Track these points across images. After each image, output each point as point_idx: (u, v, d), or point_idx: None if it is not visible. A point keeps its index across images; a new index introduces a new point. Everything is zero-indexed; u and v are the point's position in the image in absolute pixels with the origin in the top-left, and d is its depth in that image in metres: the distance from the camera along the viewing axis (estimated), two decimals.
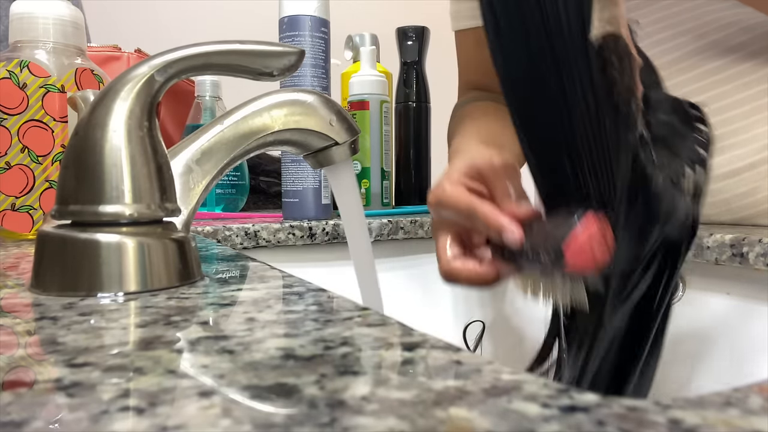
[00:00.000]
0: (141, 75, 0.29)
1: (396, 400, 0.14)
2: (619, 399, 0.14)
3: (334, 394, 0.15)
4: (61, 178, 0.29)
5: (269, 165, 0.99)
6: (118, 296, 0.27)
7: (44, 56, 0.52)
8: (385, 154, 0.83)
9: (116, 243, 0.28)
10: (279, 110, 0.35)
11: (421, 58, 0.95)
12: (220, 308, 0.25)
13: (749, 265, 0.49)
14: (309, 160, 0.39)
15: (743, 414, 0.14)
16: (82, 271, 0.27)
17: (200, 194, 0.34)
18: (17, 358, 0.19)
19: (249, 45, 0.31)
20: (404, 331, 0.21)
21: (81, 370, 0.17)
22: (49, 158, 0.51)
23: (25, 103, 0.51)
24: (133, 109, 0.29)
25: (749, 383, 0.16)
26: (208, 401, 0.15)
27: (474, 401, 0.15)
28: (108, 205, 0.28)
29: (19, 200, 0.51)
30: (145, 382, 0.16)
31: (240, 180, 0.83)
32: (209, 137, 0.35)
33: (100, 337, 0.20)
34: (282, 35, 0.69)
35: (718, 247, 0.51)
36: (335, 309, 0.25)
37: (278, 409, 0.14)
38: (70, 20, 0.53)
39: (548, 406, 0.14)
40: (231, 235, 0.64)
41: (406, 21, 0.99)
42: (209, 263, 0.37)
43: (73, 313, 0.24)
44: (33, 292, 0.28)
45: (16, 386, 0.16)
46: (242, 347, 0.19)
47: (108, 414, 0.14)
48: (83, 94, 0.47)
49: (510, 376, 0.16)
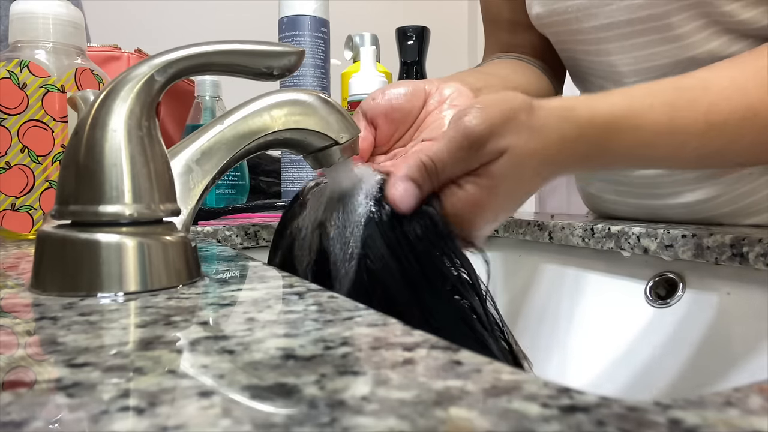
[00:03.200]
0: (141, 75, 0.29)
1: (396, 400, 0.14)
2: (619, 399, 0.14)
3: (334, 394, 0.15)
4: (61, 178, 0.29)
5: (269, 165, 0.99)
6: (118, 296, 0.27)
7: (44, 56, 0.52)
8: None
9: (116, 243, 0.28)
10: (279, 110, 0.35)
11: (421, 58, 0.95)
12: (220, 308, 0.25)
13: (749, 265, 0.49)
14: (309, 160, 0.39)
15: (743, 414, 0.14)
16: (82, 271, 0.27)
17: (200, 194, 0.34)
18: (17, 358, 0.19)
19: (249, 45, 0.31)
20: (404, 331, 0.21)
21: (81, 370, 0.17)
22: (49, 158, 0.51)
23: (25, 103, 0.51)
24: (133, 109, 0.29)
25: (749, 383, 0.16)
26: (208, 401, 0.15)
27: (474, 401, 0.15)
28: (108, 205, 0.28)
29: (19, 200, 0.51)
30: (145, 382, 0.16)
31: (240, 180, 0.83)
32: (209, 137, 0.35)
33: (100, 337, 0.20)
34: (282, 35, 0.69)
35: (718, 247, 0.51)
36: (335, 309, 0.25)
37: (278, 409, 0.14)
38: (70, 20, 0.53)
39: (548, 406, 0.14)
40: (231, 235, 0.64)
41: (406, 21, 0.99)
42: (209, 263, 0.37)
43: (73, 313, 0.24)
44: (33, 292, 0.28)
45: (16, 386, 0.16)
46: (242, 347, 0.19)
47: (108, 414, 0.14)
48: (83, 94, 0.47)
49: (510, 376, 0.16)
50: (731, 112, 0.42)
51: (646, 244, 0.57)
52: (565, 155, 0.39)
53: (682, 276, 0.56)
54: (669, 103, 0.42)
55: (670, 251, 0.55)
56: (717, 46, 0.53)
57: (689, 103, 0.42)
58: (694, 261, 0.54)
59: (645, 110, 0.41)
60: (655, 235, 0.56)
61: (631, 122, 0.40)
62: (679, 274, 0.56)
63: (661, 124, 0.41)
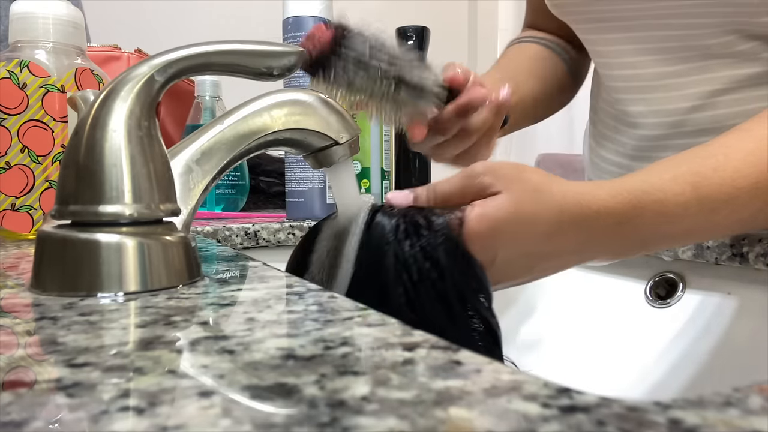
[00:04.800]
0: (141, 75, 0.29)
1: (396, 400, 0.14)
2: (619, 399, 0.14)
3: (334, 394, 0.15)
4: (61, 178, 0.29)
5: (269, 165, 0.99)
6: (118, 296, 0.27)
7: (44, 56, 0.52)
8: (385, 154, 0.83)
9: (116, 243, 0.28)
10: (279, 110, 0.35)
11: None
12: (220, 308, 0.25)
13: (749, 265, 0.49)
14: (309, 160, 0.39)
15: (743, 414, 0.14)
16: (82, 271, 0.27)
17: (200, 194, 0.34)
18: (17, 358, 0.19)
19: (249, 45, 0.31)
20: (404, 331, 0.21)
21: (81, 370, 0.17)
22: (49, 158, 0.51)
23: (25, 103, 0.51)
24: (133, 109, 0.29)
25: (749, 383, 0.16)
26: (208, 401, 0.15)
27: (474, 401, 0.15)
28: (108, 205, 0.28)
29: (19, 200, 0.51)
30: (145, 382, 0.16)
31: (240, 180, 0.83)
32: (209, 137, 0.35)
33: (100, 337, 0.20)
34: (286, 35, 0.69)
35: (718, 247, 0.51)
36: (335, 309, 0.25)
37: (278, 409, 0.14)
38: (70, 20, 0.53)
39: (548, 406, 0.14)
40: (231, 235, 0.64)
41: (406, 21, 0.99)
42: (209, 263, 0.37)
43: (73, 313, 0.24)
44: (33, 292, 0.28)
45: (16, 386, 0.16)
46: (242, 347, 0.19)
47: (108, 414, 0.14)
48: (83, 94, 0.47)
49: (510, 376, 0.16)
50: (759, 174, 0.40)
51: None
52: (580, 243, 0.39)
53: (682, 276, 0.56)
54: (693, 173, 0.40)
55: (670, 251, 0.55)
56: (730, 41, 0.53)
57: (713, 171, 0.40)
58: (694, 261, 0.54)
59: (666, 183, 0.40)
60: None
61: (654, 197, 0.39)
62: (679, 274, 0.56)
63: (686, 194, 0.39)
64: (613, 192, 0.39)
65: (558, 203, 0.38)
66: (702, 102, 0.56)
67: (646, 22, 0.56)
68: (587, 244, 0.40)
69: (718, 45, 0.54)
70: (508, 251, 0.38)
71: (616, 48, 0.60)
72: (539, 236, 0.38)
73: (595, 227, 0.39)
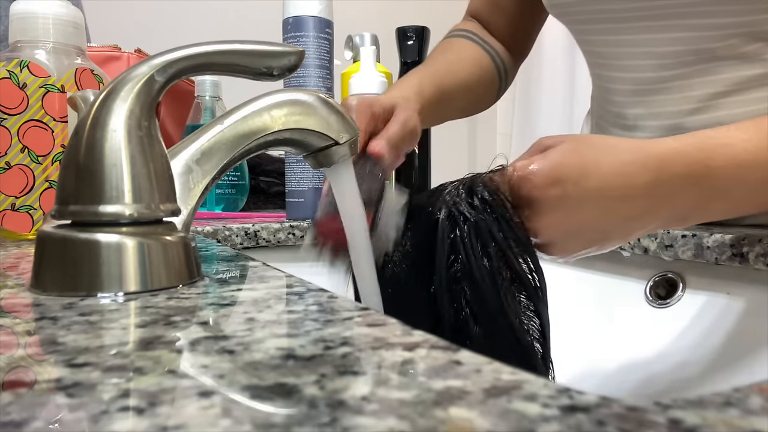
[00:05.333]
0: (141, 75, 0.29)
1: (396, 400, 0.14)
2: (619, 399, 0.14)
3: (334, 394, 0.15)
4: (61, 178, 0.29)
5: (269, 165, 0.99)
6: (118, 296, 0.27)
7: (44, 56, 0.52)
8: None
9: (116, 243, 0.28)
10: (279, 110, 0.35)
11: (421, 58, 0.95)
12: (220, 308, 0.25)
13: (749, 265, 0.49)
14: (309, 160, 0.39)
15: (743, 414, 0.14)
16: (82, 271, 0.27)
17: (200, 194, 0.34)
18: (17, 358, 0.19)
19: (249, 45, 0.31)
20: (404, 331, 0.21)
21: (81, 370, 0.17)
22: (49, 158, 0.51)
23: (25, 103, 0.51)
24: (133, 109, 0.29)
25: (749, 383, 0.16)
26: (208, 401, 0.15)
27: (474, 401, 0.15)
28: (108, 205, 0.28)
29: (19, 200, 0.51)
30: (145, 382, 0.16)
31: (240, 180, 0.83)
32: (209, 137, 0.35)
33: (100, 337, 0.20)
34: (286, 35, 0.69)
35: (718, 247, 0.51)
36: (335, 309, 0.25)
37: (278, 409, 0.14)
38: (70, 20, 0.53)
39: (548, 406, 0.14)
40: (231, 235, 0.64)
41: (406, 21, 0.99)
42: (209, 263, 0.37)
43: (73, 313, 0.24)
44: (33, 292, 0.28)
45: (16, 386, 0.16)
46: (242, 347, 0.19)
47: (108, 414, 0.14)
48: (83, 94, 0.47)
49: (510, 376, 0.16)
50: None
51: (646, 244, 0.57)
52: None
53: (682, 276, 0.56)
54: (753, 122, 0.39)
55: (670, 251, 0.55)
56: (736, 42, 0.53)
57: None
58: (694, 261, 0.54)
59: (730, 131, 0.39)
60: (655, 235, 0.56)
61: (720, 141, 0.38)
62: (679, 274, 0.56)
63: (752, 141, 0.38)
64: (677, 138, 0.38)
65: (615, 146, 0.37)
66: (704, 104, 0.56)
67: (649, 24, 0.56)
68: (657, 189, 0.37)
69: (723, 47, 0.53)
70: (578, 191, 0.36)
71: (616, 50, 0.59)
72: (605, 177, 0.36)
73: (663, 169, 0.37)
